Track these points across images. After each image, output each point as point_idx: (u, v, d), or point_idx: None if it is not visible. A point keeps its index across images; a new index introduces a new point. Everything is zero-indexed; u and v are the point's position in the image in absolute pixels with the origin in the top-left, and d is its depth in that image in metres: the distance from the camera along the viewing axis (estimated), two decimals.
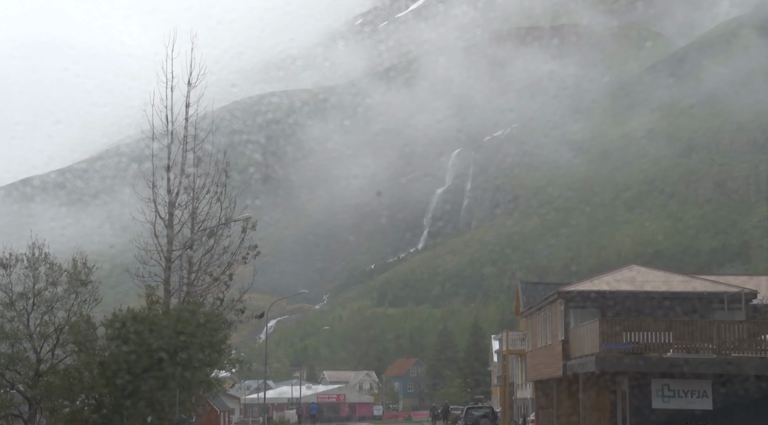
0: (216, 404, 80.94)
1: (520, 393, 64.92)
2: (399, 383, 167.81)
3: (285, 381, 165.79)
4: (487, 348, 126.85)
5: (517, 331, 62.73)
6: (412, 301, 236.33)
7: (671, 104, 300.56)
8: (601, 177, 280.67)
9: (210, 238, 37.95)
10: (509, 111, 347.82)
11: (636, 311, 39.59)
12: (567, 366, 40.44)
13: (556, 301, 42.26)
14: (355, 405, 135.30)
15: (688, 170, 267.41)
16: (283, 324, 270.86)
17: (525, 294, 61.38)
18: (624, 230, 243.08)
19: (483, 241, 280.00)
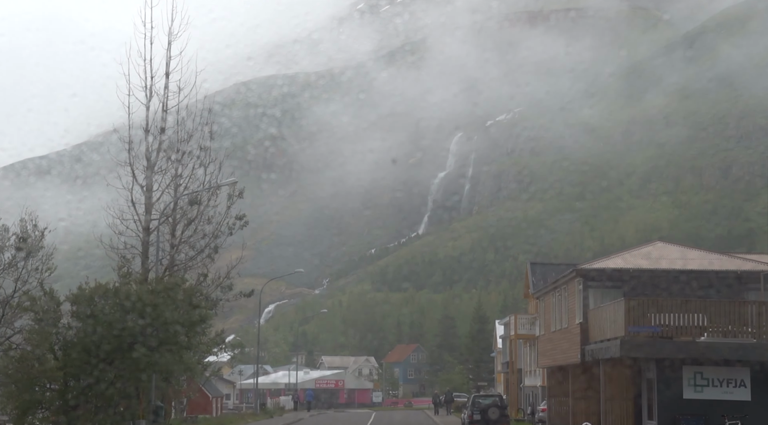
0: (208, 389, 77.47)
1: (529, 380, 61.32)
2: (399, 369, 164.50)
3: (283, 366, 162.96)
4: (490, 334, 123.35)
5: (526, 314, 59.01)
6: (413, 286, 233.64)
7: (683, 87, 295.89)
8: (606, 162, 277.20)
9: (192, 206, 34.16)
10: (519, 93, 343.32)
11: (664, 291, 35.85)
12: (585, 351, 36.73)
13: (573, 280, 38.52)
14: (354, 392, 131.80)
15: (693, 155, 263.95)
16: (282, 309, 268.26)
17: (534, 275, 57.74)
18: (628, 216, 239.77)
19: (485, 226, 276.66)
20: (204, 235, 35.05)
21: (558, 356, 41.96)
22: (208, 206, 35.45)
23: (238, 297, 39.29)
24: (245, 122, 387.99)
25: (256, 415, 58.74)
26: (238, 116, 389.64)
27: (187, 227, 34.79)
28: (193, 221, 34.62)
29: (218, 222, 34.97)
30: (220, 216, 35.11)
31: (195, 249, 35.03)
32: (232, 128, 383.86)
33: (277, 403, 77.78)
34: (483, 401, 43.33)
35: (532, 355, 59.56)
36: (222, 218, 35.00)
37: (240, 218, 35.36)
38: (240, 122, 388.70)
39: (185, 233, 34.84)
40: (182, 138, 34.12)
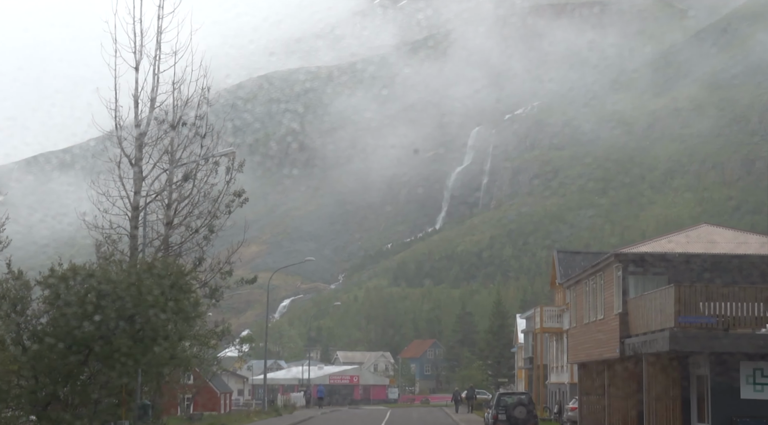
0: (216, 385, 74.01)
1: (554, 377, 57.46)
2: (416, 364, 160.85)
3: (298, 361, 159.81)
4: (510, 329, 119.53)
5: (553, 306, 55.10)
6: (430, 281, 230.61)
7: (713, 75, 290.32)
8: (628, 157, 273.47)
9: (187, 181, 30.46)
10: (543, 86, 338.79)
11: (715, 277, 31.95)
12: (625, 345, 32.87)
13: (611, 266, 34.66)
14: (369, 388, 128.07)
15: (716, 150, 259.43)
16: (298, 304, 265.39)
17: (562, 265, 53.88)
18: (649, 211, 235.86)
19: (503, 221, 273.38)
20: (200, 214, 31.33)
21: (592, 350, 38.13)
22: (206, 184, 31.77)
23: (240, 285, 35.58)
24: (267, 117, 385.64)
25: (263, 413, 55.17)
26: (261, 112, 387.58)
27: (180, 205, 31.06)
28: (188, 197, 30.93)
29: (215, 200, 31.28)
30: (218, 193, 31.43)
31: (190, 230, 31.35)
32: (255, 123, 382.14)
33: (288, 400, 74.02)
34: (509, 399, 39.53)
35: (559, 350, 55.72)
36: (220, 195, 31.28)
37: (239, 194, 31.67)
38: (262, 117, 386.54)
39: (179, 211, 31.14)
40: (177, 104, 30.41)
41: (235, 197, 31.55)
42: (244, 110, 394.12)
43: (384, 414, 69.36)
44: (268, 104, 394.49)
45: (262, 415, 53.44)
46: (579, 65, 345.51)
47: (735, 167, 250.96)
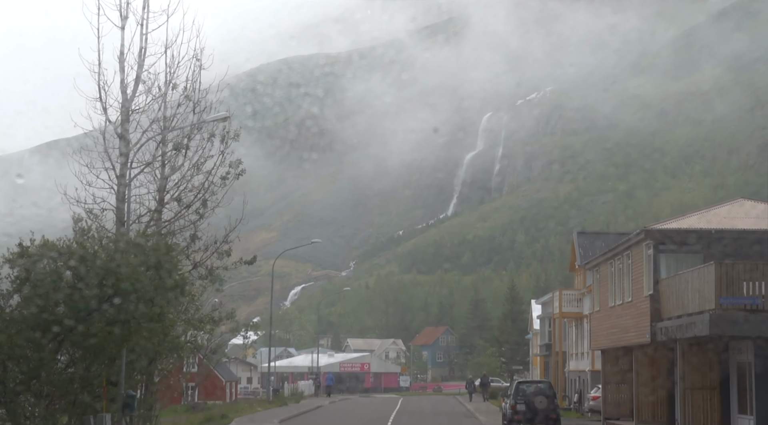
0: (221, 373, 71.57)
1: (574, 364, 54.73)
2: (428, 352, 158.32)
3: (308, 348, 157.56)
4: (524, 315, 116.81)
5: (573, 290, 52.31)
6: (442, 268, 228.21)
7: (735, 58, 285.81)
8: (642, 141, 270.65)
9: (178, 150, 27.77)
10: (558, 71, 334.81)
11: (755, 255, 29.15)
12: (657, 329, 30.12)
13: (640, 244, 31.88)
14: (380, 375, 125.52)
15: (730, 133, 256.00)
16: (308, 291, 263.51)
17: (582, 247, 51.11)
18: (663, 196, 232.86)
19: (515, 207, 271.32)
20: (192, 188, 28.66)
21: (618, 335, 35.39)
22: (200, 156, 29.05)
23: (237, 265, 32.88)
24: (286, 101, 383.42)
25: (268, 402, 52.58)
26: (279, 96, 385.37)
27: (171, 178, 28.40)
28: (179, 170, 28.28)
29: (209, 171, 28.63)
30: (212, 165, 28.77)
31: (182, 205, 28.69)
32: (274, 107, 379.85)
33: (296, 388, 71.34)
34: (528, 388, 36.81)
35: (578, 336, 52.99)
36: (214, 166, 28.60)
37: (234, 165, 29.01)
38: (281, 101, 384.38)
39: (170, 184, 28.50)
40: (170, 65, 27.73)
41: (231, 169, 28.86)
42: (264, 93, 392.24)
43: (395, 403, 66.78)
44: (286, 89, 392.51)
45: (266, 405, 50.90)
46: (599, 49, 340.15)
47: (753, 152, 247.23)
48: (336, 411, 51.65)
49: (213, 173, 28.68)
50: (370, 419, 43.99)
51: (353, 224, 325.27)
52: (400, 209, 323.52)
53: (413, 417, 45.68)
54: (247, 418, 39.82)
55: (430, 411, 55.19)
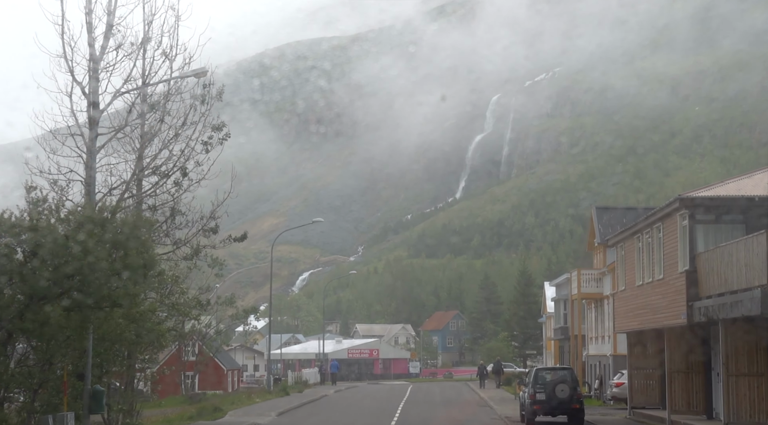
0: (223, 361, 68.56)
1: (594, 348, 51.47)
2: (438, 337, 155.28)
3: (316, 335, 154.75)
4: (536, 298, 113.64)
5: (592, 269, 48.99)
6: (451, 252, 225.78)
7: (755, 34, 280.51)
8: (652, 122, 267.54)
9: (153, 112, 24.47)
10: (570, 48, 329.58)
11: None
12: (695, 309, 26.85)
13: (674, 214, 28.57)
14: (389, 361, 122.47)
15: (743, 111, 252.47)
16: (317, 277, 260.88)
17: (602, 223, 47.79)
18: (674, 176, 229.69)
19: (524, 189, 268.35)
20: (170, 156, 25.42)
21: (647, 317, 32.11)
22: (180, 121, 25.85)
23: (226, 243, 29.69)
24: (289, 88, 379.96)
25: (268, 393, 49.33)
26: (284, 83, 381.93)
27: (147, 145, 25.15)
28: (157, 135, 25.02)
29: (188, 137, 25.39)
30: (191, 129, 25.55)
31: (159, 174, 25.46)
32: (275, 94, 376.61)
33: (300, 376, 67.91)
34: (548, 376, 33.54)
35: (598, 318, 49.71)
36: (194, 130, 25.36)
37: (218, 128, 25.74)
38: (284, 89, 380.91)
39: (146, 152, 25.27)
40: (146, 17, 24.45)
41: (214, 133, 25.60)
42: (272, 77, 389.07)
43: (404, 391, 63.67)
44: (295, 72, 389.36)
45: (267, 395, 47.76)
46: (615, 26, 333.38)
47: (766, 130, 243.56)
48: (340, 402, 48.52)
49: (193, 138, 25.35)
50: (375, 410, 40.85)
51: (361, 208, 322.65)
52: (409, 193, 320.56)
53: (423, 408, 42.54)
54: (243, 411, 36.73)
55: (441, 400, 52.03)
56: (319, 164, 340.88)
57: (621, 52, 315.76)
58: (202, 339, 59.35)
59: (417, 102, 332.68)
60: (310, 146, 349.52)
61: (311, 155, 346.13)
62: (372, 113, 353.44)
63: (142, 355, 27.89)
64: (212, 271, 57.15)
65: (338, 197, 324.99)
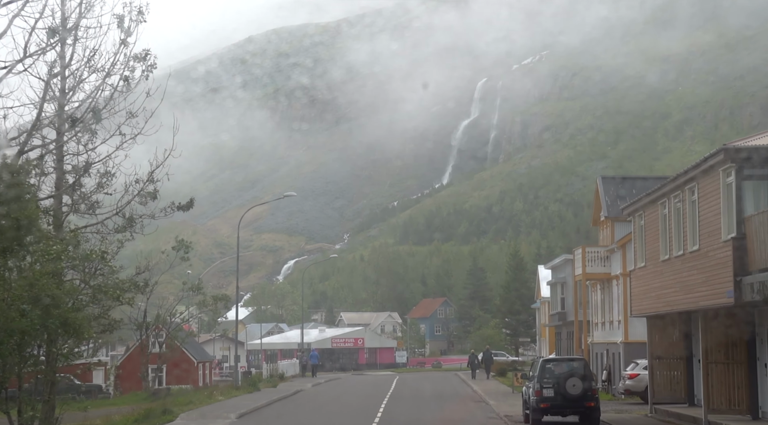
0: (193, 353, 63.26)
1: (599, 335, 46.24)
2: (425, 325, 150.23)
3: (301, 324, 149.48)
4: (528, 284, 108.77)
5: (598, 247, 43.62)
6: (438, 239, 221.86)
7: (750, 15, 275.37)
8: (640, 107, 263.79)
9: (54, 37, 18.94)
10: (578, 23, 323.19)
11: None
12: (744, 286, 21.59)
13: (714, 170, 23.23)
14: (375, 351, 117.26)
15: (733, 93, 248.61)
16: (302, 265, 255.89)
17: (608, 195, 42.54)
18: (664, 160, 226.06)
19: (512, 175, 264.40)
20: (85, 98, 19.94)
21: (676, 296, 26.80)
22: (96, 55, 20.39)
23: (168, 212, 24.28)
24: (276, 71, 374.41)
25: (235, 389, 43.72)
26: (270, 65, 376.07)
27: (53, 81, 19.71)
28: (67, 67, 19.56)
29: (104, 67, 19.99)
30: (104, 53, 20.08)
31: (65, 117, 20.02)
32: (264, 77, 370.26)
33: (276, 368, 62.14)
34: (557, 368, 28.25)
35: (606, 301, 44.41)
36: (114, 60, 19.95)
37: (142, 57, 20.30)
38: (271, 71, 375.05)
39: (52, 89, 19.82)
40: None
41: (137, 62, 20.18)
42: (253, 63, 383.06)
43: (390, 383, 58.40)
44: (276, 58, 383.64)
45: (233, 392, 42.31)
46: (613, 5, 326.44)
47: (756, 112, 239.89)
48: (316, 398, 43.13)
49: (113, 68, 19.80)
50: (354, 409, 35.50)
51: (346, 195, 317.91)
52: (394, 180, 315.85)
53: (410, 405, 37.18)
54: (199, 412, 31.36)
55: (430, 394, 46.69)
56: (303, 151, 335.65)
57: (611, 33, 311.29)
58: (168, 328, 54.02)
59: (403, 88, 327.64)
60: (296, 133, 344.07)
61: (296, 142, 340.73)
62: (357, 100, 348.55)
63: (59, 349, 22.43)
64: (177, 254, 51.94)
65: (322, 184, 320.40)
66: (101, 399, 51.31)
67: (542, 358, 29.76)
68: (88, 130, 20.26)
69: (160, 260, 52.77)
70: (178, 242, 51.00)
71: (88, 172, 20.90)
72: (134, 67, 20.27)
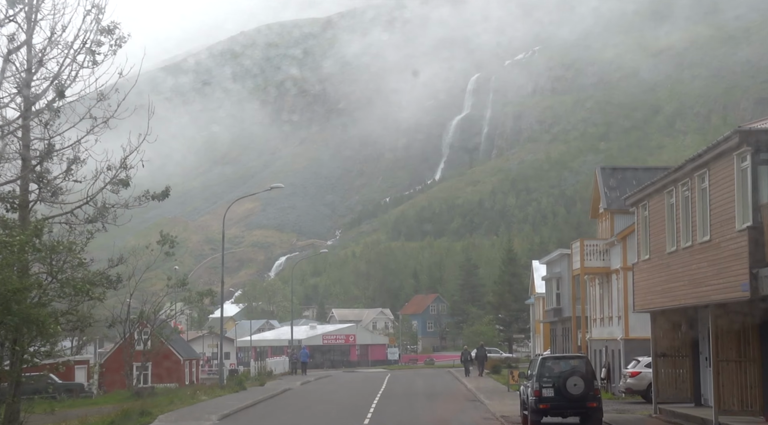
0: (179, 350, 61.64)
1: (597, 331, 44.69)
2: (417, 321, 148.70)
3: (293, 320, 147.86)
4: (522, 279, 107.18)
5: (597, 239, 42.06)
6: (431, 235, 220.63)
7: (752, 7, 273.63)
8: (632, 101, 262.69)
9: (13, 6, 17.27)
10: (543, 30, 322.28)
11: None
12: (761, 279, 20.04)
13: (728, 154, 21.66)
14: (366, 348, 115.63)
15: (726, 88, 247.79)
16: (293, 261, 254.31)
17: (608, 186, 41.01)
18: (656, 155, 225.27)
19: (505, 170, 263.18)
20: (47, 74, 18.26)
21: (684, 290, 25.24)
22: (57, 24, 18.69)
23: (143, 201, 22.63)
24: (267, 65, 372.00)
25: (219, 388, 41.89)
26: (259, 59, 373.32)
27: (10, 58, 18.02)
28: (24, 46, 17.83)
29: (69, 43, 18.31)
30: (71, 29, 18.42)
31: (24, 95, 18.37)
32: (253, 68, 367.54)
33: (264, 366, 60.27)
34: (557, 366, 26.68)
35: (605, 296, 42.87)
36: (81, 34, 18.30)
37: (109, 30, 18.58)
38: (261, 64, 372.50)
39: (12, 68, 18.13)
40: None
41: (105, 36, 18.52)
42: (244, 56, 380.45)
43: (381, 381, 56.82)
44: (267, 52, 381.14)
45: (217, 392, 40.56)
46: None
47: (749, 107, 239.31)
48: (304, 397, 41.51)
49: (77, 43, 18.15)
50: (343, 408, 33.87)
51: (338, 191, 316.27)
52: (386, 176, 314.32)
53: (402, 404, 35.58)
54: (178, 414, 29.67)
55: (422, 392, 45.11)
56: (295, 146, 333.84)
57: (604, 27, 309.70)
58: (153, 325, 52.37)
59: (396, 81, 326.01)
60: (286, 126, 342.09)
61: (288, 136, 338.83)
62: (349, 94, 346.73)
63: (24, 347, 20.78)
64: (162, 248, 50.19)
65: (314, 180, 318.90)
66: (83, 398, 49.64)
67: (541, 356, 28.14)
68: (51, 110, 18.57)
69: (144, 255, 51.08)
70: (163, 237, 49.36)
71: (50, 156, 19.26)
72: (101, 41, 18.62)
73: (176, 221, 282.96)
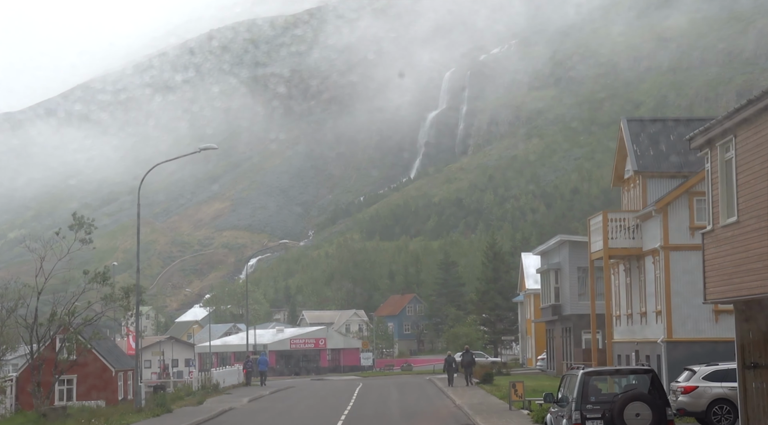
0: (110, 360, 51.78)
1: (621, 331, 35.21)
2: (393, 323, 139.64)
3: (262, 324, 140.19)
4: (507, 275, 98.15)
5: (625, 212, 32.30)
6: (406, 234, 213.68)
7: None
8: (612, 93, 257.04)
9: None
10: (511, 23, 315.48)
11: None
12: None
13: None
14: (338, 352, 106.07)
15: (707, 80, 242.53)
16: (265, 263, 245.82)
17: (638, 143, 31.56)
18: None
19: (482, 166, 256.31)
20: None
21: None
22: None
23: None
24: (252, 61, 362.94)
25: (135, 412, 31.96)
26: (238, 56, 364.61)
27: None
28: None
29: None
30: None
31: None
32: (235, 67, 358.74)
33: (209, 378, 49.89)
34: (607, 386, 17.27)
35: (634, 286, 33.32)
36: None
37: None
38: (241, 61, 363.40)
39: None
40: None
41: None
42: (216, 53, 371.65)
43: (350, 394, 47.24)
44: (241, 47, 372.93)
45: (130, 417, 30.64)
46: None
47: (732, 99, 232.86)
48: (243, 422, 31.81)
49: None
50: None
51: (311, 191, 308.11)
52: (360, 174, 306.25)
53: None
54: None
55: (400, 412, 35.37)
56: (266, 146, 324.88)
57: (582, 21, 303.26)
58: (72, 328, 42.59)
59: (370, 79, 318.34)
60: (258, 129, 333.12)
61: (259, 137, 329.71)
62: (321, 92, 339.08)
63: None
64: (76, 236, 40.93)
65: (286, 179, 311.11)
66: None
67: (582, 370, 18.34)
68: None
69: (56, 245, 41.47)
70: (76, 220, 39.72)
71: None
72: None
73: (143, 222, 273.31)
